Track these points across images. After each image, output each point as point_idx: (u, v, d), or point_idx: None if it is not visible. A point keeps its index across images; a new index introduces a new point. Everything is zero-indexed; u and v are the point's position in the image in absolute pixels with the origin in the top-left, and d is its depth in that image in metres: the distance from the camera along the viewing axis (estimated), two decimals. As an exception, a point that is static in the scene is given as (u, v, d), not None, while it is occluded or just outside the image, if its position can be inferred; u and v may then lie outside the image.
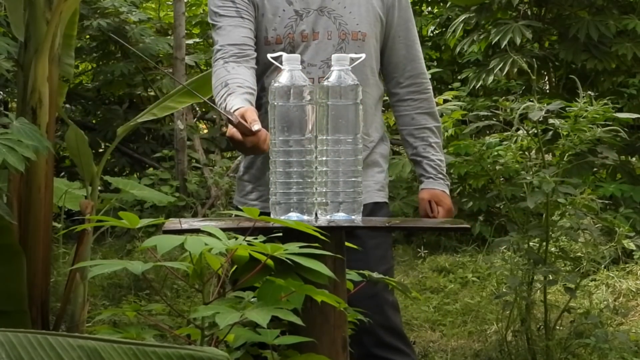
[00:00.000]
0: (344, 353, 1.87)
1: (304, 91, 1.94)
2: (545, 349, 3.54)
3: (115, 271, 4.81)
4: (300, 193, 1.94)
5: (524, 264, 3.69)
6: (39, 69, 2.97)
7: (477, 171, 4.02)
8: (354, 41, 2.41)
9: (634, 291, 4.76)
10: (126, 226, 1.66)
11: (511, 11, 6.65)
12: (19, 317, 2.86)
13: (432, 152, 2.55)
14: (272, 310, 1.56)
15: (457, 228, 2.27)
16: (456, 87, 6.42)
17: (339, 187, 1.95)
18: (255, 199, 2.49)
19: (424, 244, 5.95)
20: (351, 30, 2.41)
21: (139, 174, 7.57)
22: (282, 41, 2.39)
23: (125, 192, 4.34)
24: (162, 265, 1.63)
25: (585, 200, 3.59)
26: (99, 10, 7.33)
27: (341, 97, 1.92)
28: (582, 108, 3.44)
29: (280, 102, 1.94)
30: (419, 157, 2.54)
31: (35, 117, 2.97)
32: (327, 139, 1.93)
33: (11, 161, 2.50)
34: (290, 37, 2.39)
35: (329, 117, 1.93)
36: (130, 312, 1.75)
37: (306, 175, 1.94)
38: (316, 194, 1.94)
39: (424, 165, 2.54)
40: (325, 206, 1.95)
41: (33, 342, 1.33)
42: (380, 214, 2.48)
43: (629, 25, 5.99)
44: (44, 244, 3.02)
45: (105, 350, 1.32)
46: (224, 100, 2.21)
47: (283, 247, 1.63)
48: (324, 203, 1.95)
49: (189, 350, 1.35)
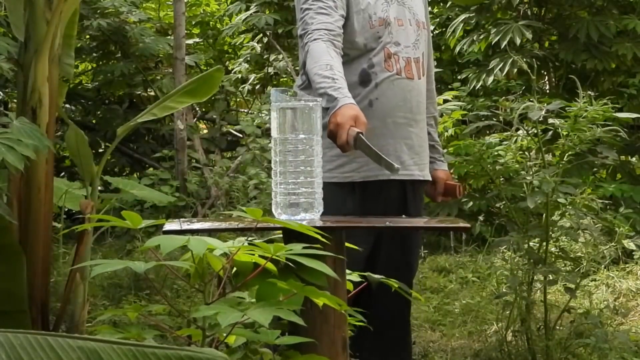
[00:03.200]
0: (344, 353, 1.87)
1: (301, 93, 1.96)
2: (545, 349, 3.53)
3: (115, 271, 4.81)
4: (301, 193, 1.94)
5: (524, 264, 3.69)
6: (39, 69, 2.97)
7: (477, 171, 4.02)
8: (424, 29, 2.78)
9: (634, 291, 4.76)
10: (127, 226, 1.66)
11: (511, 11, 6.65)
12: (19, 317, 2.85)
13: (436, 136, 2.95)
14: (274, 310, 1.56)
15: (457, 228, 2.27)
16: (456, 87, 6.42)
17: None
18: (351, 170, 2.64)
19: (424, 244, 5.95)
20: (420, 20, 2.77)
21: (139, 174, 7.56)
22: (383, 23, 2.66)
23: (125, 192, 4.34)
24: (162, 265, 1.63)
25: (585, 200, 3.59)
26: (99, 10, 7.33)
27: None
28: (582, 108, 3.44)
29: (280, 102, 1.94)
30: (433, 140, 2.90)
31: (35, 117, 2.97)
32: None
33: (10, 160, 2.49)
34: (388, 20, 2.67)
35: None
36: (131, 312, 1.75)
37: (306, 174, 1.95)
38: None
39: (437, 148, 2.93)
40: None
41: (33, 343, 1.32)
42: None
43: (629, 25, 5.99)
44: (44, 244, 3.02)
45: (104, 351, 1.32)
46: (334, 86, 2.39)
47: (286, 247, 1.63)
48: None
49: (189, 352, 1.35)
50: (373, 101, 2.64)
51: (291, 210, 1.97)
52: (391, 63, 2.65)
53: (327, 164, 2.55)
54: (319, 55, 2.46)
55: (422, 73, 2.76)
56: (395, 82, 2.66)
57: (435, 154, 2.90)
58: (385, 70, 2.65)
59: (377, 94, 2.62)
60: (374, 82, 2.64)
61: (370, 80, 2.64)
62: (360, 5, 2.65)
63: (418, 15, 2.76)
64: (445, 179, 2.89)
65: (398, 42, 2.67)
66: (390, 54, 2.65)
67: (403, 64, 2.68)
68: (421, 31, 2.76)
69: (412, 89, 2.69)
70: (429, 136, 2.88)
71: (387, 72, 2.65)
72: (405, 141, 2.67)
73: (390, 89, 2.65)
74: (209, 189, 6.78)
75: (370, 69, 2.65)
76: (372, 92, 2.64)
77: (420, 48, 2.74)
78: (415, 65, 2.71)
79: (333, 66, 2.43)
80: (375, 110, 2.61)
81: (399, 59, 2.67)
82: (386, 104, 2.64)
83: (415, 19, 2.74)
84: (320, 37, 2.50)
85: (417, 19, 2.75)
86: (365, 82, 2.64)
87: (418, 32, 2.74)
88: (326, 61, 2.44)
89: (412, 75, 2.70)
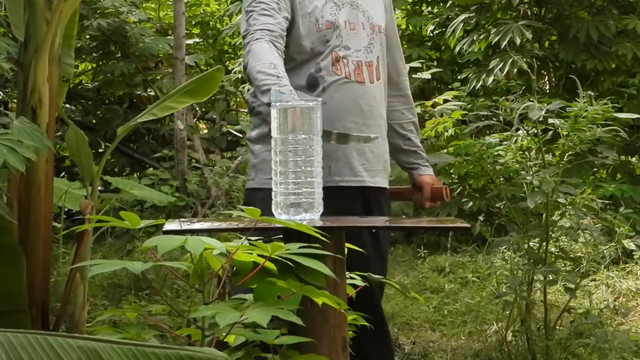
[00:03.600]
0: (344, 353, 1.87)
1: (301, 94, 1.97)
2: (545, 349, 3.53)
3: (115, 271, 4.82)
4: (301, 193, 1.94)
5: (524, 264, 3.69)
6: (39, 69, 2.97)
7: (477, 171, 4.02)
8: (379, 34, 2.71)
9: (634, 291, 4.76)
10: (127, 227, 1.66)
11: (511, 11, 6.65)
12: (19, 317, 2.85)
13: (419, 143, 2.89)
14: (273, 310, 1.56)
15: (457, 228, 2.27)
16: (456, 87, 6.42)
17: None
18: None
19: (424, 244, 5.95)
20: (376, 24, 2.71)
21: (139, 174, 7.57)
22: (331, 27, 2.61)
23: (125, 192, 4.34)
24: (162, 265, 1.63)
25: (585, 200, 3.59)
26: (99, 10, 7.33)
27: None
28: (582, 108, 3.44)
29: (280, 102, 1.94)
30: (414, 146, 2.85)
31: (35, 117, 2.97)
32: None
33: (12, 162, 2.50)
34: (337, 23, 2.62)
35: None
36: (131, 312, 1.75)
37: (306, 174, 1.95)
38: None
39: (420, 153, 2.85)
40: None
41: (33, 343, 1.32)
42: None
43: (629, 25, 5.99)
44: (44, 244, 3.02)
45: (104, 351, 1.32)
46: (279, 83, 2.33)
47: (284, 247, 1.63)
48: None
49: (189, 351, 1.35)
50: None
51: (291, 210, 1.97)
52: (339, 67, 2.59)
53: None
54: (262, 55, 2.41)
55: (377, 77, 2.68)
56: (344, 86, 2.59)
57: (418, 160, 2.84)
58: (333, 73, 2.59)
59: (325, 97, 2.53)
60: (321, 86, 2.58)
61: (317, 84, 2.58)
62: (306, 9, 2.60)
63: (373, 19, 2.70)
64: (432, 184, 2.80)
65: (348, 46, 2.61)
66: (338, 58, 2.59)
67: (352, 67, 2.61)
68: (376, 35, 2.69)
69: (364, 93, 2.62)
70: (410, 142, 2.84)
71: (335, 75, 2.59)
72: (356, 146, 2.60)
73: (338, 92, 2.59)
74: (209, 189, 6.79)
75: (317, 72, 2.59)
76: (319, 96, 2.50)
77: (374, 52, 2.67)
78: (367, 69, 2.64)
79: (277, 65, 2.38)
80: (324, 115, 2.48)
81: (348, 63, 2.61)
82: (335, 108, 2.57)
83: (369, 23, 2.68)
84: (262, 37, 2.46)
85: (372, 23, 2.69)
86: (313, 87, 2.58)
87: (372, 36, 2.68)
88: (270, 60, 2.39)
89: (363, 79, 2.63)
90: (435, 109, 5.84)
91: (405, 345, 4.08)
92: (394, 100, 2.82)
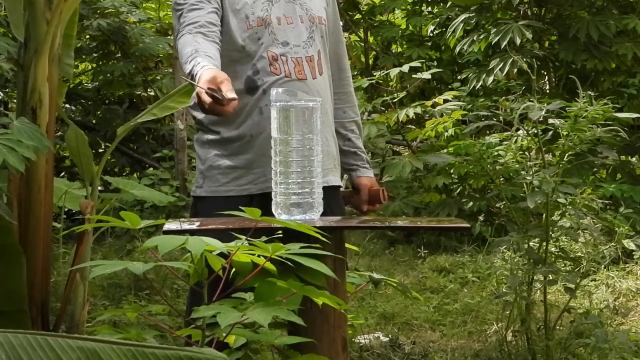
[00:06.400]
0: (344, 353, 1.87)
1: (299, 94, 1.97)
2: (545, 349, 3.53)
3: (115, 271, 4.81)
4: (301, 193, 1.94)
5: (524, 264, 3.69)
6: (39, 69, 2.97)
7: (477, 171, 4.02)
8: (320, 25, 2.61)
9: (634, 291, 4.76)
10: (127, 226, 1.66)
11: (511, 11, 6.65)
12: (19, 317, 2.85)
13: (361, 143, 2.77)
14: (273, 310, 1.56)
15: (457, 228, 2.27)
16: (456, 87, 6.42)
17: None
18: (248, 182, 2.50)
19: (424, 244, 5.95)
20: (315, 15, 2.60)
21: (139, 174, 7.56)
22: (262, 23, 2.51)
23: (125, 192, 4.34)
24: (162, 265, 1.63)
25: (585, 200, 3.59)
26: (99, 10, 7.32)
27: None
28: (582, 108, 3.44)
29: (280, 102, 1.95)
30: (354, 147, 2.74)
31: (35, 117, 2.97)
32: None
33: (12, 162, 2.50)
34: (268, 20, 2.52)
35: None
36: (131, 312, 1.75)
37: (306, 174, 1.95)
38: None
39: (360, 155, 2.75)
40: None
41: (33, 343, 1.32)
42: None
43: (629, 25, 5.99)
44: (44, 244, 3.02)
45: (104, 352, 1.32)
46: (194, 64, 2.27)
47: (285, 247, 1.63)
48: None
49: (188, 352, 1.35)
50: (263, 108, 2.47)
51: (291, 210, 1.97)
52: (278, 66, 2.50)
53: (222, 177, 2.48)
54: (184, 47, 2.36)
55: (319, 71, 2.57)
56: (285, 85, 2.47)
57: (357, 161, 2.73)
58: (272, 74, 2.49)
59: (266, 100, 2.41)
60: (260, 88, 2.49)
61: (257, 86, 2.49)
62: (236, 5, 2.52)
63: (312, 11, 2.59)
64: (370, 186, 2.69)
65: (286, 42, 2.52)
66: (275, 56, 2.50)
67: (292, 65, 2.51)
68: (316, 27, 2.58)
69: (307, 91, 2.48)
70: (350, 142, 2.73)
71: (274, 75, 2.49)
72: None
73: None
74: (209, 189, 6.77)
75: (255, 75, 2.50)
76: (260, 100, 2.48)
77: (314, 45, 2.57)
78: (308, 64, 2.54)
79: (198, 49, 2.31)
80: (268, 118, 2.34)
81: (287, 60, 2.51)
82: None
83: (308, 15, 2.57)
84: (188, 32, 2.40)
85: (311, 15, 2.58)
86: (252, 90, 2.50)
87: (312, 29, 2.57)
88: (191, 48, 2.33)
89: (305, 76, 2.52)
90: (435, 109, 5.84)
91: (405, 345, 4.08)
92: (335, 98, 2.70)
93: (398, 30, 7.69)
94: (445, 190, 6.24)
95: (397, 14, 8.42)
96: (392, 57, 7.60)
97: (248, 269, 1.66)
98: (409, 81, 7.07)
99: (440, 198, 6.21)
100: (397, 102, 6.18)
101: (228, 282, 1.69)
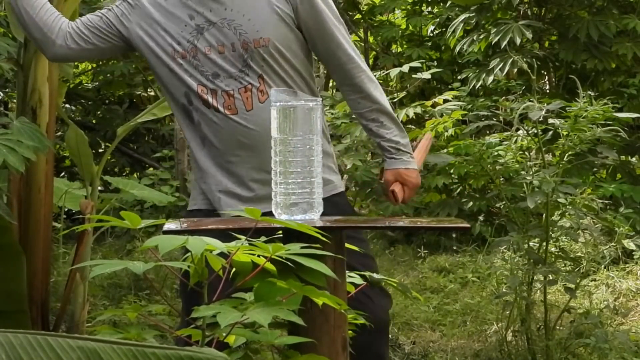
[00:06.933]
0: (344, 353, 1.87)
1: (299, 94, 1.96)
2: (545, 349, 3.53)
3: (115, 271, 4.82)
4: (301, 193, 1.94)
5: (524, 264, 3.69)
6: (39, 69, 2.98)
7: (477, 171, 4.02)
8: (257, 49, 2.40)
9: (634, 291, 4.76)
10: (127, 226, 1.66)
11: (511, 11, 6.65)
12: (19, 317, 2.86)
13: (385, 131, 2.53)
14: (273, 310, 1.56)
15: (457, 228, 2.27)
16: (456, 87, 6.41)
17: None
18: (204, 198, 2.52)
19: (424, 244, 5.95)
20: (252, 39, 2.40)
21: (139, 174, 7.57)
22: (186, 55, 2.42)
23: (125, 192, 4.34)
24: (162, 265, 1.63)
25: (585, 200, 3.59)
26: (99, 10, 7.32)
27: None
28: (582, 108, 3.44)
29: (280, 102, 1.95)
30: (378, 137, 2.53)
31: (35, 117, 2.98)
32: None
33: (12, 162, 2.50)
34: (193, 52, 2.41)
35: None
36: (131, 312, 1.75)
37: (306, 174, 1.95)
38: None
39: (383, 145, 2.54)
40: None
41: (33, 343, 1.32)
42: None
43: (629, 25, 5.99)
44: (44, 244, 3.03)
45: (104, 352, 1.32)
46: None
47: (285, 247, 1.63)
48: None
49: (189, 352, 1.35)
50: (204, 139, 2.46)
51: (291, 210, 1.97)
52: (208, 100, 2.40)
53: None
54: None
55: (259, 99, 2.39)
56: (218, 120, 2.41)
57: (384, 152, 2.55)
58: (204, 106, 2.41)
59: (205, 131, 2.43)
60: (195, 119, 2.44)
61: (192, 117, 2.44)
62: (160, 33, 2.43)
63: (247, 34, 2.38)
64: (393, 181, 2.55)
65: (217, 74, 2.40)
66: (205, 91, 2.40)
67: (222, 100, 2.40)
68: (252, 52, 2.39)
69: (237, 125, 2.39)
70: (372, 133, 2.53)
71: (205, 108, 2.41)
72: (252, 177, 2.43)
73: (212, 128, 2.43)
74: (209, 189, 6.77)
75: (189, 105, 2.44)
76: (198, 130, 2.45)
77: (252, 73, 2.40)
78: (242, 95, 2.40)
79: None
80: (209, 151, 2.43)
81: (217, 95, 2.40)
82: (215, 144, 2.44)
83: (241, 41, 2.39)
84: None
85: (245, 40, 2.39)
86: (190, 119, 2.46)
87: (246, 55, 2.39)
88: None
89: (235, 110, 2.40)
90: (435, 109, 5.83)
91: (405, 345, 4.08)
92: (345, 91, 2.55)
93: (398, 30, 7.69)
94: (445, 190, 6.24)
95: (397, 14, 8.42)
96: (392, 57, 7.60)
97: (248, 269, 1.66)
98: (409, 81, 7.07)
99: (440, 198, 6.21)
100: (397, 102, 6.18)
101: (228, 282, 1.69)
